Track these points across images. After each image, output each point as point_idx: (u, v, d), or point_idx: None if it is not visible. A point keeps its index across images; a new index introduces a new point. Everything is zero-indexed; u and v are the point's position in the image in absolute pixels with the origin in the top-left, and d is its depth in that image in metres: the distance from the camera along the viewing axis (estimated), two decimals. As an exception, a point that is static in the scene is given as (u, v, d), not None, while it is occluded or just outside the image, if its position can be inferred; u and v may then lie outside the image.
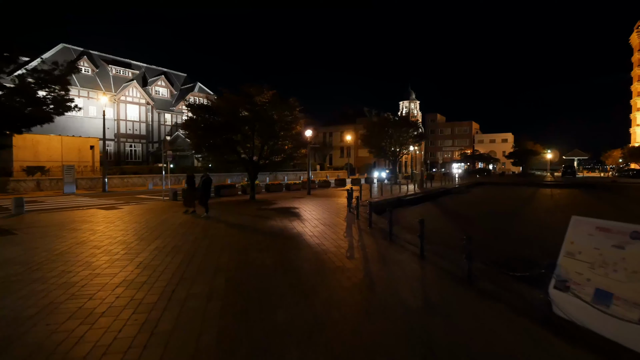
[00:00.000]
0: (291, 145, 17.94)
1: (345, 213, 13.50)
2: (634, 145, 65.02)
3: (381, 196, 20.44)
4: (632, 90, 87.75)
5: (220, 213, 13.18)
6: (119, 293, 4.92)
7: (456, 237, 12.13)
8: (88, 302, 4.58)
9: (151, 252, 7.22)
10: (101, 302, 4.62)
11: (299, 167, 48.28)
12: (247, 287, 5.23)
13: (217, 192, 19.56)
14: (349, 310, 4.42)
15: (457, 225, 15.31)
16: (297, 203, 16.67)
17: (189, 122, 15.21)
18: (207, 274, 5.80)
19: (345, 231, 9.82)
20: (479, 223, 16.22)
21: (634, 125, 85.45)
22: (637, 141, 79.63)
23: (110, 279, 5.55)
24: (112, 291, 4.99)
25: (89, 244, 8.00)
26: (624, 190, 32.35)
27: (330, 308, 4.47)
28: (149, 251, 7.32)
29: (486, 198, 27.15)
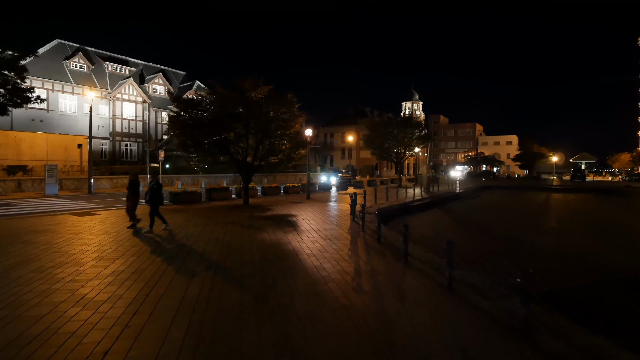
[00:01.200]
0: (289, 145, 16.38)
1: (349, 223, 11.92)
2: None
3: (386, 201, 18.87)
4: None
5: (205, 222, 11.60)
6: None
7: (481, 255, 10.73)
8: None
9: (103, 280, 5.65)
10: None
11: (299, 169, 46.78)
12: (212, 343, 3.66)
13: (208, 195, 17.99)
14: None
15: (478, 237, 13.71)
16: (295, 209, 15.10)
17: (174, 119, 13.65)
18: (164, 318, 4.23)
19: (350, 248, 8.23)
20: (501, 234, 14.60)
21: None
22: (645, 144, 77.93)
23: (27, 325, 3.98)
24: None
25: (31, 265, 6.43)
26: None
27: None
28: (100, 278, 5.75)
29: (498, 204, 25.49)
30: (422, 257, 7.45)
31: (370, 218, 12.69)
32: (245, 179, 15.76)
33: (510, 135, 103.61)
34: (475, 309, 4.77)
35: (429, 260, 7.20)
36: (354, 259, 7.26)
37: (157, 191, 9.73)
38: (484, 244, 12.47)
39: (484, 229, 15.54)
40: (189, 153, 14.68)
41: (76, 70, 43.42)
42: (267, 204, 16.86)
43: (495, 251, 11.45)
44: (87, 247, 7.77)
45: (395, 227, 13.85)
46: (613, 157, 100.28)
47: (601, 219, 20.16)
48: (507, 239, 13.68)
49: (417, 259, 7.24)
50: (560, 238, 14.46)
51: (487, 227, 15.97)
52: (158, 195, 9.73)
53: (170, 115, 13.79)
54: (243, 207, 15.48)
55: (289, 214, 13.77)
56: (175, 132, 13.72)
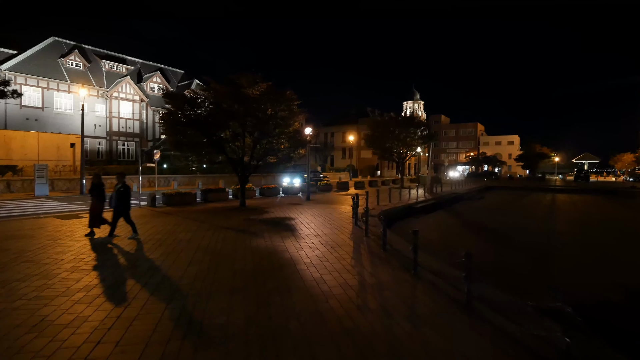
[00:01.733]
0: (288, 144, 15.66)
1: (351, 226, 11.21)
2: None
3: (389, 203, 18.16)
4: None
5: (197, 226, 10.89)
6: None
7: (497, 265, 9.95)
8: None
9: (71, 297, 4.94)
10: None
11: (299, 169, 46.06)
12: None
13: (203, 196, 17.28)
14: None
15: (489, 244, 12.96)
16: (293, 212, 14.39)
17: (167, 117, 12.93)
18: (133, 349, 3.51)
19: (353, 256, 7.51)
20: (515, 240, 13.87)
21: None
22: (648, 145, 77.20)
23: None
24: None
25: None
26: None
27: None
28: (69, 294, 5.04)
29: (503, 205, 24.77)
30: (433, 267, 6.73)
31: (373, 221, 11.98)
32: (241, 179, 15.05)
33: (512, 135, 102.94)
34: (500, 334, 4.05)
35: (441, 272, 6.48)
36: (357, 269, 6.55)
37: (124, 196, 8.72)
38: (497, 252, 11.74)
39: (496, 233, 14.80)
40: (183, 152, 13.96)
41: (72, 68, 42.71)
42: (265, 206, 16.15)
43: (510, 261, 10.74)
44: (62, 256, 7.05)
45: (399, 230, 13.13)
46: (615, 158, 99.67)
47: (619, 222, 19.46)
48: (522, 246, 12.95)
49: (427, 270, 6.53)
50: (582, 245, 13.71)
51: (498, 232, 15.24)
52: (125, 200, 8.66)
53: (163, 113, 13.07)
54: (239, 209, 14.77)
55: (287, 216, 13.05)
56: (168, 130, 12.99)
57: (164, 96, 13.26)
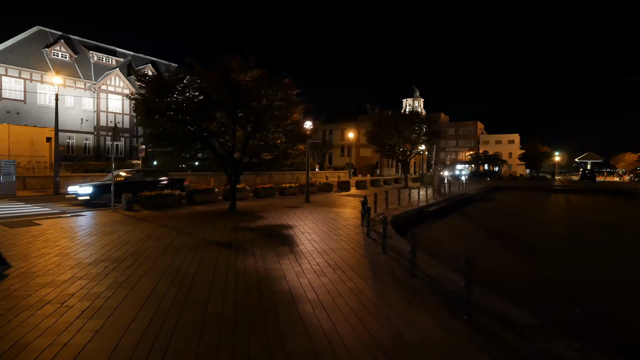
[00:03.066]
0: (285, 139, 13.67)
1: (362, 238, 9.24)
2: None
3: (398, 206, 16.23)
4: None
5: (173, 237, 8.87)
6: None
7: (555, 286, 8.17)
8: None
9: None
10: None
11: (297, 167, 44.02)
12: None
13: (189, 198, 15.24)
14: None
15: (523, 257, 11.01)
16: (291, 217, 12.41)
17: (139, 104, 10.84)
18: None
19: (374, 287, 5.53)
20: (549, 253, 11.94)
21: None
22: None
23: None
24: None
25: None
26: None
27: None
28: None
29: (518, 209, 22.83)
30: (490, 306, 4.76)
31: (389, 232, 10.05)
32: (231, 179, 13.03)
33: (512, 134, 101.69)
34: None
35: (501, 313, 4.52)
36: (385, 311, 4.57)
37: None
38: (533, 267, 9.83)
39: (524, 243, 12.86)
40: (161, 147, 11.92)
41: (57, 59, 40.37)
42: (259, 210, 14.15)
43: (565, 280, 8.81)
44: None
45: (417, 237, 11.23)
46: (616, 157, 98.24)
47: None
48: (559, 260, 11.02)
49: (483, 310, 4.57)
50: (624, 259, 11.82)
51: (525, 241, 13.32)
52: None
53: (135, 99, 11.00)
54: (228, 213, 12.76)
55: (285, 224, 11.07)
56: (142, 121, 10.93)
57: (137, 80, 11.16)
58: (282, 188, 20.18)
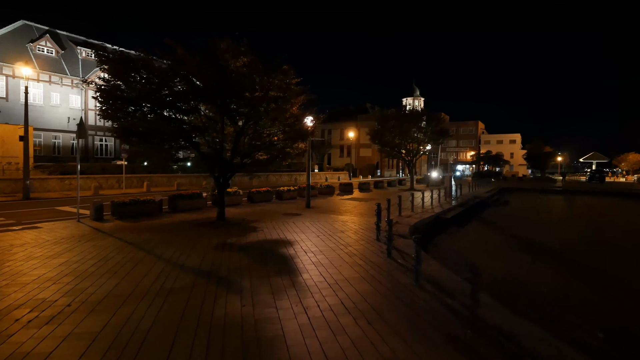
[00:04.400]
0: (283, 136, 11.69)
1: (380, 258, 7.25)
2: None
3: (412, 212, 14.28)
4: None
5: (138, 260, 6.86)
6: None
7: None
8: None
9: None
10: None
11: (295, 167, 41.99)
12: None
13: (171, 204, 13.21)
14: None
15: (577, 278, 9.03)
16: (291, 228, 10.42)
17: (104, 92, 8.73)
18: None
19: (416, 349, 3.54)
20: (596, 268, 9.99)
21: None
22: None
23: None
24: None
25: None
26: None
27: None
28: None
29: (540, 214, 20.79)
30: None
31: (405, 243, 8.07)
32: (219, 182, 11.01)
33: (513, 134, 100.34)
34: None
35: None
36: None
37: None
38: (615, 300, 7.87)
39: (576, 262, 10.84)
40: (132, 145, 9.89)
41: (42, 54, 38.19)
42: (252, 218, 12.15)
43: None
44: None
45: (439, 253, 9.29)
46: (619, 158, 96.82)
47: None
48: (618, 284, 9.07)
49: None
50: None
51: (574, 258, 11.32)
52: None
53: (98, 85, 8.90)
54: (215, 224, 10.73)
55: (283, 238, 9.07)
56: (107, 112, 8.85)
57: (100, 61, 9.02)
58: (280, 191, 18.16)
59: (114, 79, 8.84)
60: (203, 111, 10.59)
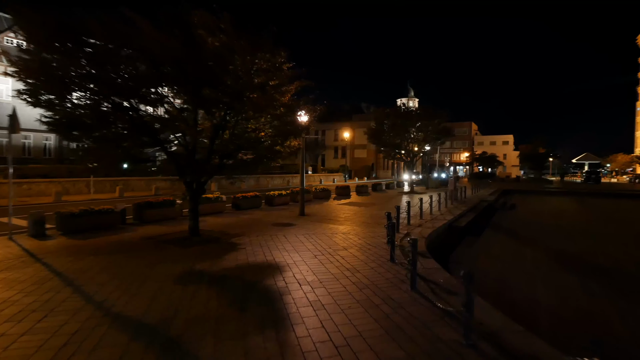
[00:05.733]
0: (272, 131, 9.65)
1: (401, 293, 5.25)
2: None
3: (420, 220, 12.36)
4: (639, 92, 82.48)
5: (50, 309, 4.77)
6: None
7: None
8: None
9: None
10: None
11: (287, 169, 39.88)
12: None
13: (137, 214, 11.04)
14: None
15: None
16: (281, 245, 8.38)
17: (24, 66, 6.56)
18: None
19: None
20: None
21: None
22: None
23: None
24: None
25: None
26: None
27: None
28: None
29: (556, 218, 18.89)
30: None
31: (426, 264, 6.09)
32: (192, 189, 8.91)
33: (506, 135, 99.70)
34: None
35: None
36: None
37: None
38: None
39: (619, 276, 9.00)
40: (72, 140, 7.78)
41: (13, 47, 35.38)
42: (235, 231, 10.07)
43: None
44: None
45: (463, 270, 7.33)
46: (609, 158, 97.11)
47: None
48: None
49: None
50: None
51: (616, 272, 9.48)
52: None
53: (18, 60, 6.75)
54: (186, 241, 8.63)
55: (270, 262, 7.03)
56: (31, 93, 6.69)
57: (15, 19, 6.77)
58: (270, 196, 16.08)
59: (39, 48, 6.69)
60: (171, 100, 8.50)
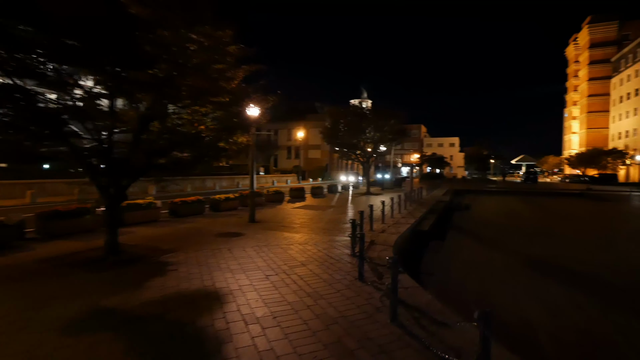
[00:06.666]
0: (213, 125, 8.02)
1: (378, 324, 4.00)
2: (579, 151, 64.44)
3: (383, 224, 11.38)
4: (567, 99, 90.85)
5: None
6: None
7: None
8: None
9: None
10: None
11: (237, 170, 37.64)
12: None
13: (40, 227, 8.78)
14: None
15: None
16: (224, 264, 6.83)
17: None
18: None
19: None
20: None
21: (568, 133, 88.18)
22: (572, 148, 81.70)
23: None
24: None
25: None
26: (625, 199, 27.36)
27: None
28: None
29: (514, 219, 18.89)
30: None
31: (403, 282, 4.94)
32: (108, 194, 7.03)
33: (453, 138, 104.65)
34: None
35: None
36: None
37: None
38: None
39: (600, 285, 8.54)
40: None
41: None
42: (168, 246, 8.29)
43: None
44: None
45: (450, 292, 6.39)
46: (541, 160, 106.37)
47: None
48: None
49: None
50: None
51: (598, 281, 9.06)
52: None
53: None
54: (99, 264, 6.73)
55: (209, 289, 5.47)
56: None
57: None
58: (216, 201, 14.23)
59: None
60: (78, 81, 6.58)
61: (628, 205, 25.51)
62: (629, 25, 64.10)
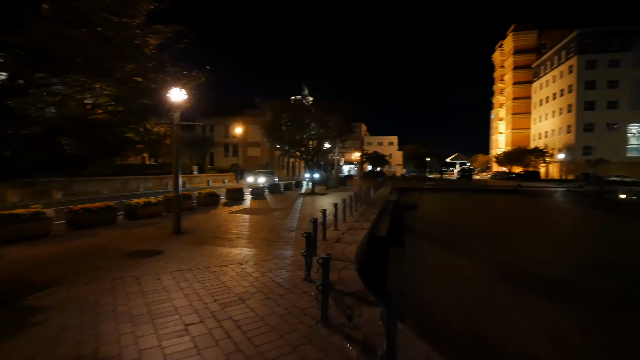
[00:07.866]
0: (113, 105, 5.76)
1: None
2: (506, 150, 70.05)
3: (336, 230, 9.88)
4: (494, 102, 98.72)
5: None
6: None
7: None
8: None
9: None
10: None
11: (166, 169, 33.84)
12: None
13: None
14: None
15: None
16: (125, 304, 4.70)
17: None
18: None
19: None
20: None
21: (496, 133, 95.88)
22: (499, 147, 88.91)
23: None
24: None
25: None
26: (553, 194, 29.45)
27: None
28: None
29: (461, 218, 18.58)
30: None
31: (372, 319, 3.42)
32: None
33: (392, 137, 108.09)
34: None
35: None
36: None
37: None
38: None
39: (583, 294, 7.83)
40: None
41: None
42: (44, 277, 5.86)
43: None
44: None
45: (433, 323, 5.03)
46: (471, 158, 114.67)
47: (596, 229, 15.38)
48: None
49: None
50: None
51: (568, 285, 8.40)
52: None
53: None
54: None
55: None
56: None
57: None
58: (132, 207, 11.54)
59: None
60: None
61: (555, 200, 27.31)
62: (546, 35, 70.93)
